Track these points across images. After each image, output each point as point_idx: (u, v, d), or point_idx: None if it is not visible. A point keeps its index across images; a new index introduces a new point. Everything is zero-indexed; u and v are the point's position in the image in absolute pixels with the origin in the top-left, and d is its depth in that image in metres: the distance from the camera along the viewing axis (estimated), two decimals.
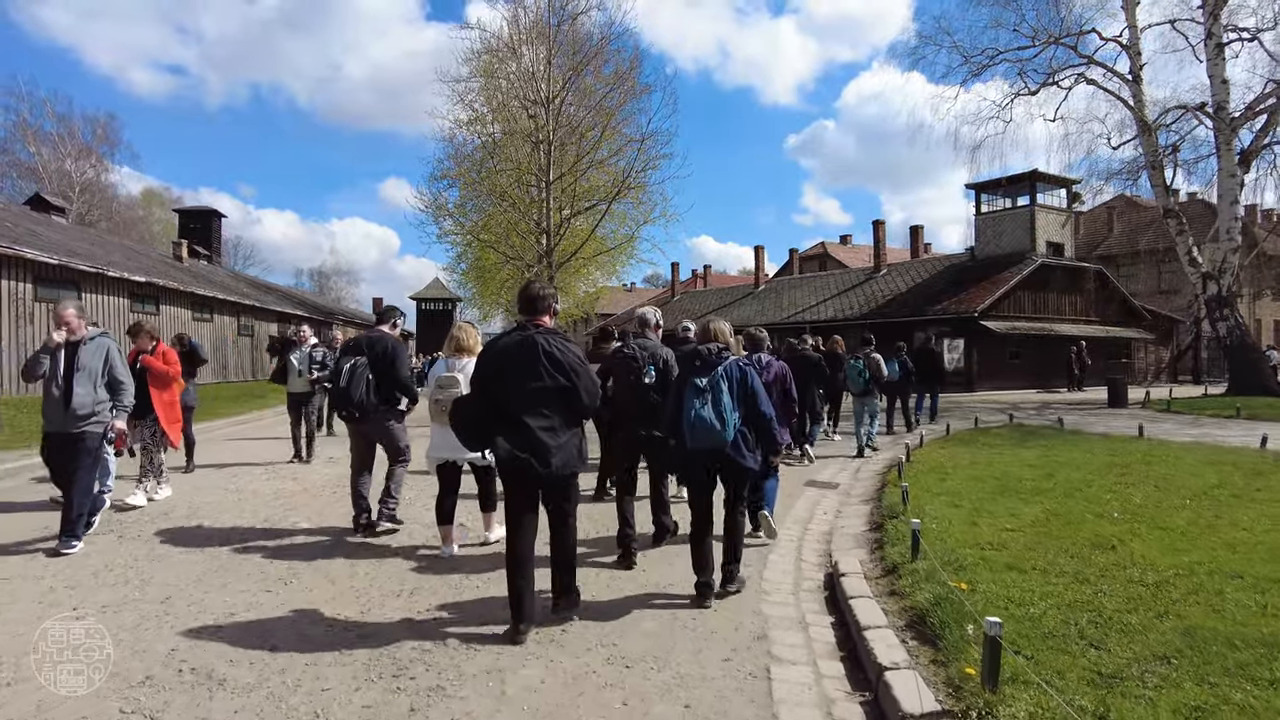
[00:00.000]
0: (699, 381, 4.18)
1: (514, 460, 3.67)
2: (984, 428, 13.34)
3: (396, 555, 5.45)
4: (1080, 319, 30.20)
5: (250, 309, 28.73)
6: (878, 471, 9.31)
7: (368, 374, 5.62)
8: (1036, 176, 28.89)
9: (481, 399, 3.83)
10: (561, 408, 3.79)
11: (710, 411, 4.07)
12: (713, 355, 4.26)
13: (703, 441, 4.10)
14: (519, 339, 3.82)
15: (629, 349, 5.43)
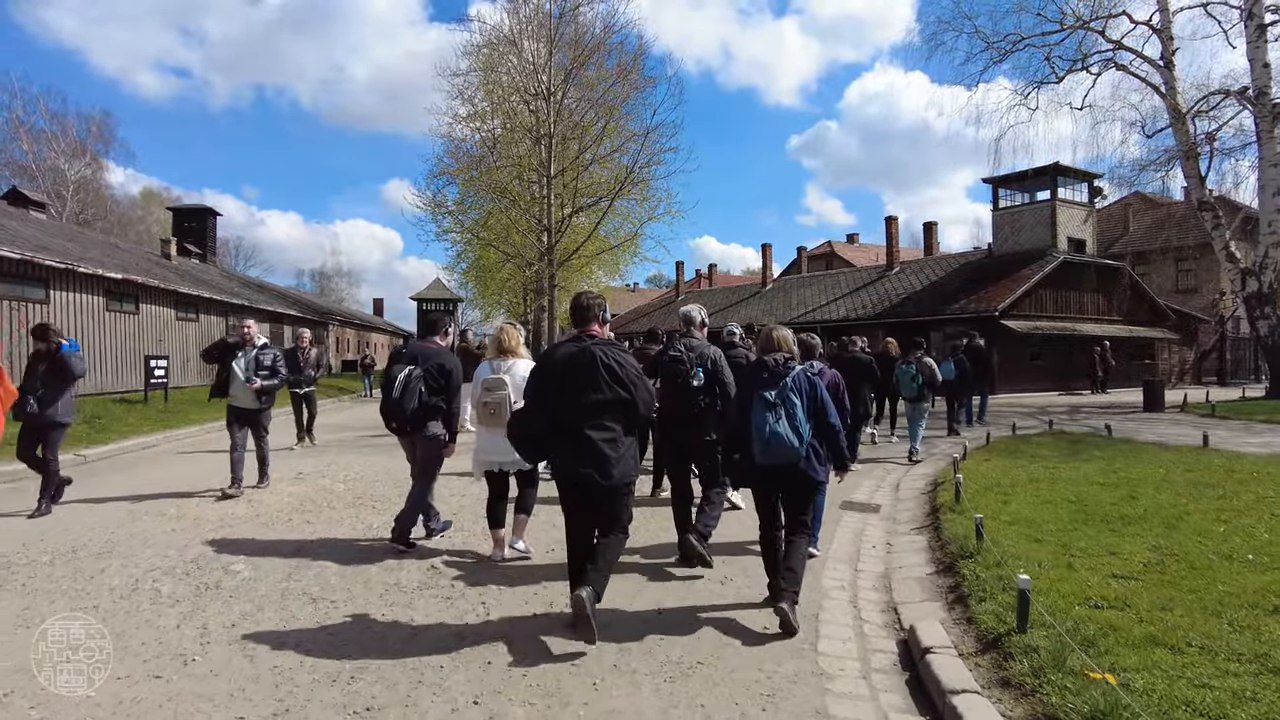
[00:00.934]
0: (768, 395, 4.04)
1: (576, 474, 3.75)
2: (1023, 435, 12.20)
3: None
4: (1103, 318, 29.02)
5: (240, 308, 27.61)
6: (921, 490, 8.17)
7: (421, 385, 5.40)
8: (1058, 170, 27.71)
9: (539, 412, 3.85)
10: (620, 419, 3.81)
11: (785, 426, 3.95)
12: (780, 366, 4.12)
13: (777, 457, 3.98)
14: (575, 351, 3.83)
15: (675, 350, 5.24)
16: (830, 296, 34.10)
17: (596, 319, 4.01)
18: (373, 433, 13.73)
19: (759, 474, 4.11)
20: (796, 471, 4.05)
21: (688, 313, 5.65)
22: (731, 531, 6.07)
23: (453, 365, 5.62)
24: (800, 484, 4.13)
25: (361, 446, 11.61)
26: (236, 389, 7.74)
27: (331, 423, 16.50)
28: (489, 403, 4.95)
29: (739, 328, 7.12)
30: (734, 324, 7.27)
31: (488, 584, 4.77)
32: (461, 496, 7.64)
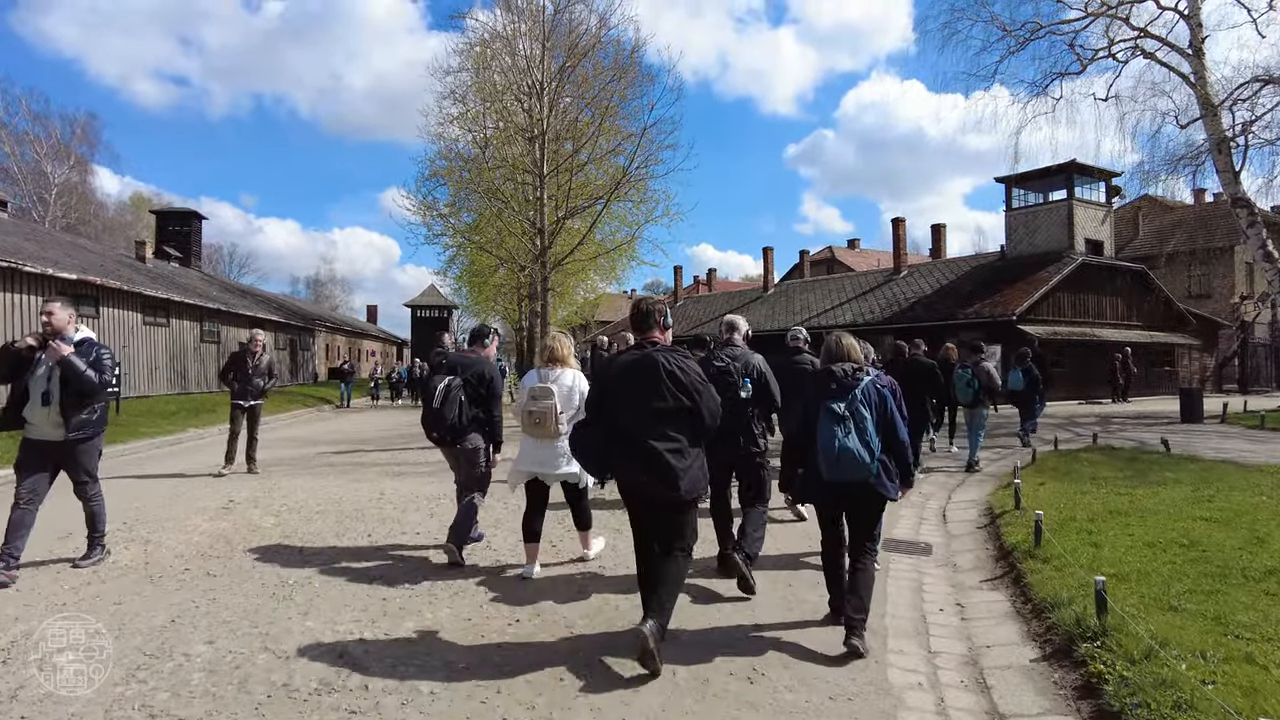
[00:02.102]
0: (836, 407, 3.84)
1: (640, 486, 3.63)
2: (1067, 450, 10.83)
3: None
4: (1122, 323, 27.68)
5: (216, 313, 26.21)
6: (975, 521, 6.80)
7: (461, 395, 5.30)
8: (1075, 168, 26.42)
9: (601, 423, 3.75)
10: (685, 428, 3.66)
11: (855, 441, 3.75)
12: (849, 377, 3.93)
13: (846, 474, 3.77)
14: (638, 358, 3.72)
15: (720, 361, 4.93)
16: (835, 301, 32.75)
17: (658, 324, 3.85)
18: (338, 449, 12.31)
19: (825, 490, 3.89)
20: (866, 489, 3.81)
21: (732, 320, 5.38)
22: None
23: (492, 374, 5.50)
24: (869, 502, 3.91)
25: (318, 467, 10.19)
26: (35, 414, 5.03)
27: (298, 435, 15.09)
28: (534, 411, 4.82)
29: (804, 331, 6.87)
30: (799, 327, 7.03)
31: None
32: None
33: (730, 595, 4.65)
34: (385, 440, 13.68)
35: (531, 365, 11.80)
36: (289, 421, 20.12)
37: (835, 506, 4.02)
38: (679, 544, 3.73)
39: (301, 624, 3.98)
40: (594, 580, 4.95)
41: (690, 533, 3.78)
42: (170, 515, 6.78)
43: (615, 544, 5.77)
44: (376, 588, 4.68)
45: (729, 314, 5.59)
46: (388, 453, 11.60)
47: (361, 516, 6.76)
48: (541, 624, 4.13)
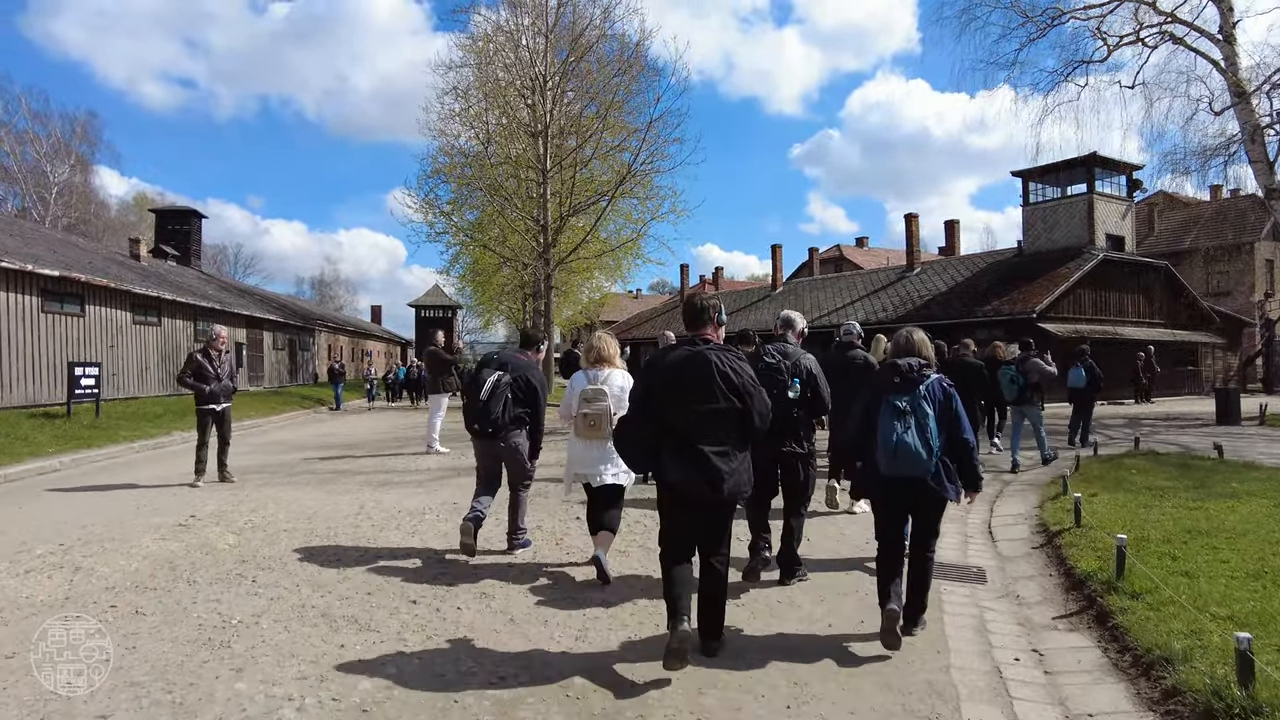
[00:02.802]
0: (898, 402, 3.73)
1: (683, 484, 3.50)
2: (1108, 456, 10.02)
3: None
4: (1144, 321, 26.80)
5: (211, 312, 25.50)
6: (1028, 540, 6.00)
7: (509, 392, 5.30)
8: (1095, 161, 25.55)
9: (646, 420, 3.60)
10: (735, 430, 3.55)
11: (915, 437, 3.66)
12: (914, 372, 3.80)
13: (903, 469, 3.69)
14: (688, 355, 3.59)
15: (770, 357, 4.84)
16: (846, 299, 31.91)
17: (711, 321, 3.74)
18: (326, 454, 11.55)
19: (883, 485, 3.87)
20: (924, 486, 3.76)
21: (788, 317, 5.26)
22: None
23: (540, 380, 5.51)
24: (927, 500, 3.86)
25: (300, 475, 9.42)
26: None
27: (287, 439, 14.35)
28: (589, 414, 4.82)
29: (857, 325, 6.84)
30: (852, 321, 6.93)
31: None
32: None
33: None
34: (377, 445, 12.92)
35: None
36: (281, 424, 19.39)
37: (892, 502, 3.92)
38: (718, 552, 3.64)
39: (230, 687, 3.18)
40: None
41: (727, 540, 3.70)
42: (119, 534, 6.00)
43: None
44: (336, 631, 3.89)
45: (785, 311, 5.42)
46: (377, 459, 10.83)
47: (334, 535, 5.99)
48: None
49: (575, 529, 6.19)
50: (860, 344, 6.65)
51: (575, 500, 6.63)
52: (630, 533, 6.07)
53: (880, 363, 7.56)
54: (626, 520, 6.06)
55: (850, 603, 4.47)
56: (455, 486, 8.22)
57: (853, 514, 6.88)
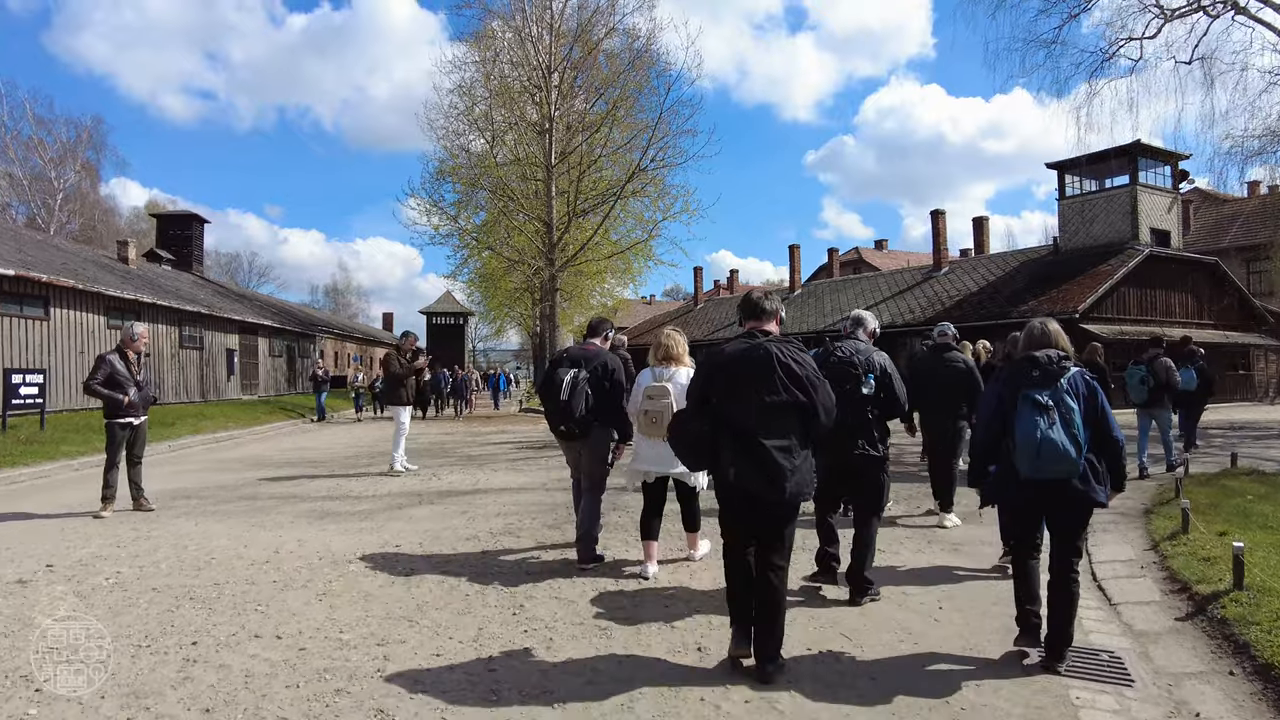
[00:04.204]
0: (1039, 396, 3.44)
1: (743, 484, 3.32)
2: (1206, 475, 8.35)
3: None
4: (1192, 322, 24.91)
5: (197, 317, 24.21)
6: (1161, 603, 4.36)
7: (587, 388, 5.09)
8: (1139, 149, 23.75)
9: (703, 415, 3.48)
10: (797, 426, 3.37)
11: (1061, 433, 3.35)
12: (1054, 364, 3.50)
13: (1049, 469, 3.38)
14: (747, 347, 3.44)
15: (843, 352, 4.59)
16: (868, 301, 30.17)
17: (774, 316, 3.61)
18: (282, 474, 10.04)
19: (1022, 489, 3.50)
20: (1070, 489, 3.42)
21: (859, 315, 5.03)
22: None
23: (615, 365, 5.31)
24: (1074, 504, 3.49)
25: (233, 501, 7.90)
26: None
27: (253, 454, 12.87)
28: (650, 411, 4.73)
29: (952, 327, 6.73)
30: (946, 323, 6.88)
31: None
32: None
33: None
34: (345, 462, 11.38)
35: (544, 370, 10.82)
36: (260, 436, 17.96)
37: (1033, 509, 3.65)
38: (776, 557, 3.41)
39: None
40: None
41: (789, 545, 3.49)
42: None
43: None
44: None
45: (855, 310, 5.18)
46: (334, 480, 9.29)
47: (214, 599, 4.41)
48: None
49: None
50: (957, 345, 6.40)
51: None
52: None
53: (1005, 357, 7.06)
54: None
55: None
56: (407, 519, 6.69)
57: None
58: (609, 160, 27.37)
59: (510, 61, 26.43)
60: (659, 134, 24.55)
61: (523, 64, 26.10)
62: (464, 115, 26.73)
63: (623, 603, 4.35)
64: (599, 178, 27.29)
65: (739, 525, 3.47)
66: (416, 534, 6.05)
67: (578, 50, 26.16)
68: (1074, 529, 3.57)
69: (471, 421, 21.15)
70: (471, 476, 9.30)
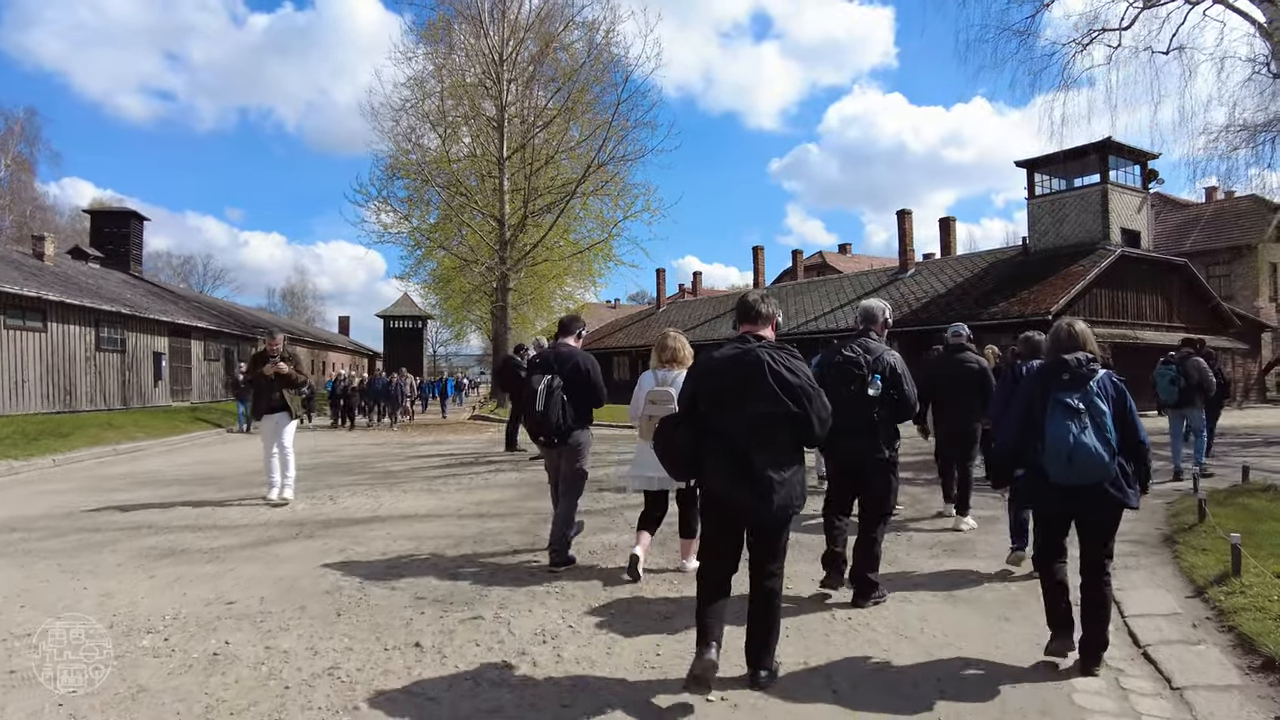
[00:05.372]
0: (1070, 400, 3.40)
1: (728, 497, 3.17)
2: (1222, 492, 7.33)
3: None
4: (1163, 324, 24.35)
5: (119, 318, 22.36)
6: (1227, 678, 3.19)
7: (563, 394, 5.05)
8: (1110, 147, 23.11)
9: (691, 422, 3.30)
10: (789, 436, 3.22)
11: (1093, 437, 3.31)
12: (1083, 367, 3.48)
13: (1082, 475, 3.33)
14: (738, 353, 3.26)
15: (848, 351, 4.42)
16: (834, 303, 29.25)
17: (768, 321, 3.41)
18: (155, 498, 8.52)
19: (1054, 495, 3.45)
20: (1102, 493, 3.36)
21: (868, 308, 4.67)
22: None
23: (589, 364, 5.27)
24: (1106, 508, 3.43)
25: (66, 535, 6.40)
26: None
27: (147, 470, 11.35)
28: (655, 415, 4.42)
29: (965, 328, 6.65)
30: (960, 324, 6.84)
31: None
32: None
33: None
34: (242, 480, 9.74)
35: None
36: (170, 447, 16.31)
37: (1063, 514, 3.55)
38: (771, 565, 3.26)
39: None
40: None
41: (783, 551, 3.33)
42: None
43: None
44: None
45: (865, 301, 4.84)
46: (207, 509, 7.54)
47: None
48: None
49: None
50: (972, 346, 6.45)
51: None
52: None
53: (1003, 361, 6.95)
54: None
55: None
56: (267, 561, 5.31)
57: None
58: (567, 157, 26.22)
59: (465, 53, 25.19)
60: (617, 126, 23.41)
61: (475, 56, 24.81)
62: (415, 109, 25.30)
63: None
64: (556, 175, 26.10)
65: (720, 538, 3.30)
66: (266, 584, 4.70)
67: (534, 43, 25.07)
68: (1106, 532, 3.52)
69: (412, 431, 19.64)
70: (374, 500, 7.90)
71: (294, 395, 7.99)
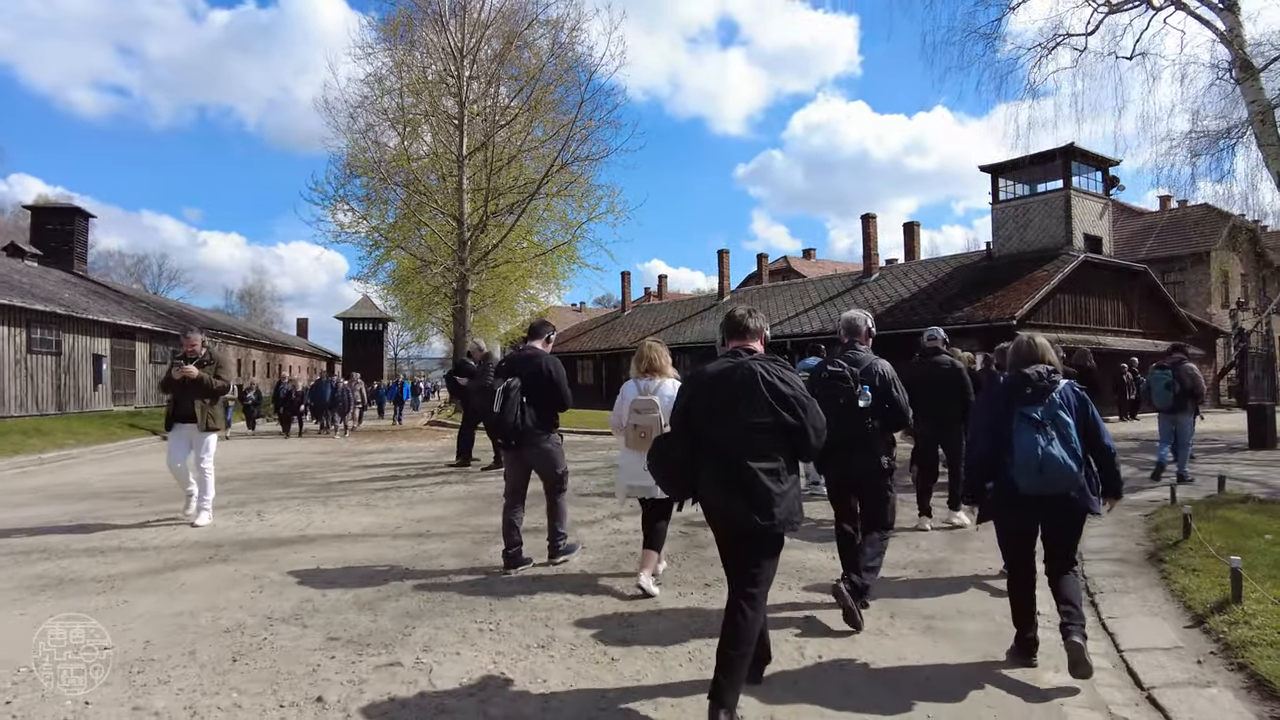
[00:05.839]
0: (1033, 413, 3.51)
1: (727, 511, 3.10)
2: (1200, 504, 7.00)
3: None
4: (1124, 330, 24.51)
5: (53, 318, 21.24)
6: None
7: (521, 396, 5.08)
8: (1073, 153, 23.17)
9: (685, 438, 3.23)
10: (785, 448, 3.14)
11: (1060, 449, 3.43)
12: (1044, 380, 3.58)
13: (1052, 485, 3.45)
14: (731, 366, 3.23)
15: (835, 365, 4.39)
16: (799, 308, 29.02)
17: (758, 334, 3.36)
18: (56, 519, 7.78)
19: (1022, 504, 3.56)
20: (1068, 501, 3.52)
21: (851, 320, 4.63)
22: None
23: (550, 366, 5.26)
24: (1071, 515, 3.59)
25: None
26: None
27: (64, 482, 10.52)
28: (639, 425, 4.68)
29: (941, 331, 6.82)
30: (936, 327, 7.02)
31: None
32: None
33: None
34: (164, 494, 8.90)
35: None
36: (107, 454, 15.44)
37: (1030, 522, 3.66)
38: (750, 586, 3.07)
39: None
40: None
41: (768, 576, 3.15)
42: None
43: None
44: None
45: (847, 312, 4.74)
46: (117, 529, 6.91)
47: None
48: None
49: None
50: (946, 349, 6.61)
51: None
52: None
53: (982, 370, 7.17)
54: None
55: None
56: (170, 591, 4.69)
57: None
58: (530, 156, 25.61)
59: (425, 49, 24.47)
60: (580, 125, 22.87)
61: (436, 52, 24.10)
62: (374, 105, 24.47)
63: None
64: (519, 175, 25.48)
65: (728, 558, 3.21)
66: (157, 621, 4.10)
67: (498, 40, 24.44)
68: (1070, 540, 3.65)
69: (363, 438, 18.86)
70: (305, 517, 7.25)
71: (207, 406, 7.02)
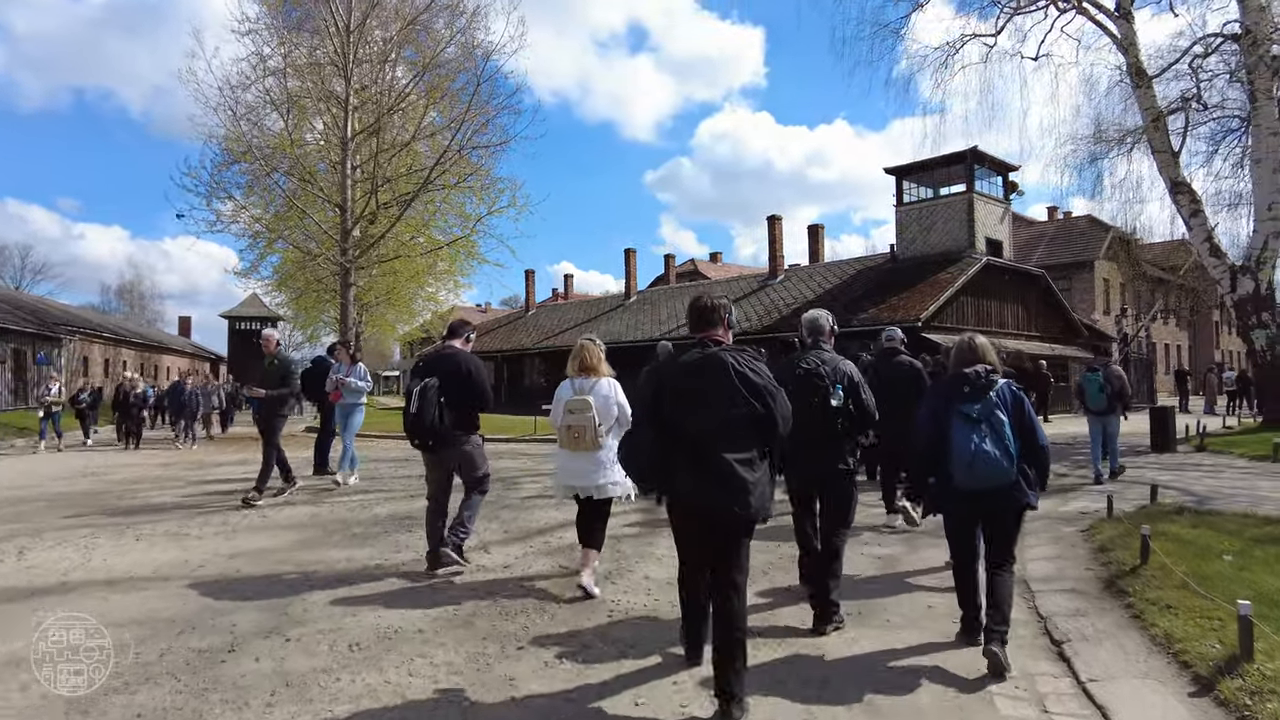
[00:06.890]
0: (969, 411, 3.62)
1: (704, 502, 3.11)
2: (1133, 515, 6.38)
3: None
4: (1023, 333, 24.87)
5: None
6: None
7: (439, 397, 4.97)
8: (976, 156, 23.34)
9: (655, 431, 3.25)
10: (755, 438, 3.16)
11: (993, 445, 3.55)
12: (983, 379, 3.69)
13: (984, 480, 3.58)
14: (702, 357, 3.25)
15: (808, 363, 4.32)
16: None
17: (722, 322, 3.38)
18: None
19: (959, 498, 3.71)
20: (1005, 495, 3.64)
21: (815, 319, 4.52)
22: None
23: (470, 366, 5.20)
24: (1009, 510, 3.71)
25: None
26: None
27: None
28: (573, 425, 4.62)
29: (899, 331, 6.98)
30: (894, 328, 7.23)
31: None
32: None
33: None
34: None
35: None
36: None
37: (970, 515, 3.80)
38: (736, 575, 3.13)
39: None
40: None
41: (746, 562, 3.22)
42: None
43: None
44: None
45: (809, 312, 4.64)
46: None
47: None
48: None
49: None
50: (905, 350, 6.77)
51: None
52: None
53: (932, 371, 7.18)
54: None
55: None
56: None
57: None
58: (426, 144, 23.91)
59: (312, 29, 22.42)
60: (476, 109, 21.37)
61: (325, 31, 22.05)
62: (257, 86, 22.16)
63: None
64: (413, 163, 23.76)
65: (694, 549, 3.35)
66: None
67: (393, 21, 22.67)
68: (1008, 534, 3.76)
69: (221, 447, 16.79)
70: (84, 553, 5.64)
71: None
